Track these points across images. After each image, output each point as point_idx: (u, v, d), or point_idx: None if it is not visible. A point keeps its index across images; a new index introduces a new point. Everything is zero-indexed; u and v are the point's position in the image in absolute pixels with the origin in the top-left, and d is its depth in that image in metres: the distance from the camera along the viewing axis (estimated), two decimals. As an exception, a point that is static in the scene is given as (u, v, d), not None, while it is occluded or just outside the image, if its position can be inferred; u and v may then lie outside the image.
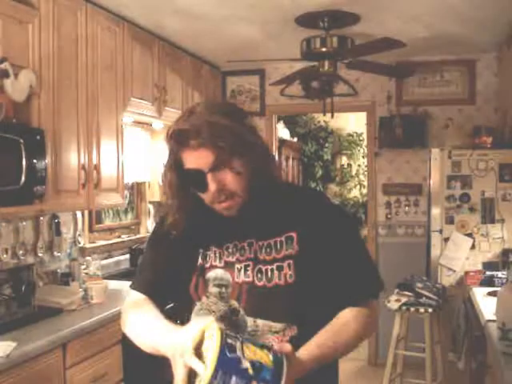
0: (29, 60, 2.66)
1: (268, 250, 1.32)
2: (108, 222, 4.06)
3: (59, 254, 3.31)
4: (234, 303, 1.32)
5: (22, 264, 2.96)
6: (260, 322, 1.29)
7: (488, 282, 3.53)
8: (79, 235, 3.56)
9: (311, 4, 3.33)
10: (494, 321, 2.56)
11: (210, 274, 1.36)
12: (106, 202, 3.34)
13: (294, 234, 1.32)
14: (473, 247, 3.86)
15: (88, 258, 3.51)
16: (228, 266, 1.34)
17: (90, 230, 3.76)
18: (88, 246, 3.66)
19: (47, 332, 2.45)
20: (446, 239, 3.91)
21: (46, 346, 2.35)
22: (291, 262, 1.30)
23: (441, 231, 3.93)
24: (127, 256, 4.08)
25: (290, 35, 3.90)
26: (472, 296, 3.34)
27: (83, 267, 3.39)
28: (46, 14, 2.78)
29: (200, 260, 1.38)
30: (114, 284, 3.40)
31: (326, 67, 3.71)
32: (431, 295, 3.65)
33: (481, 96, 4.63)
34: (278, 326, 1.28)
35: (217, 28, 3.81)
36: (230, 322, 1.29)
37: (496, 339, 2.36)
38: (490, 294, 3.19)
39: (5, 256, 2.87)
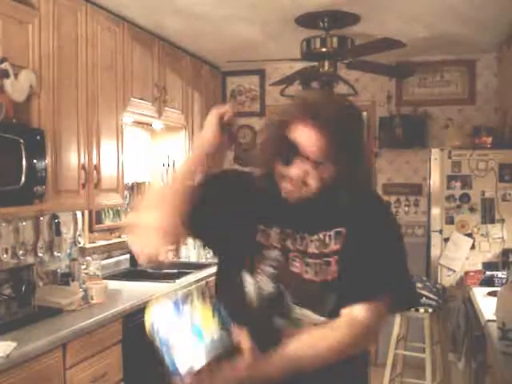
0: (29, 60, 2.66)
1: (317, 243, 1.33)
2: (108, 222, 4.06)
3: (59, 254, 3.31)
4: (282, 287, 1.33)
5: (22, 264, 2.96)
6: (304, 311, 1.31)
7: (488, 281, 3.53)
8: (79, 235, 3.56)
9: (311, 4, 3.33)
10: (494, 321, 2.56)
11: (267, 253, 1.36)
12: (105, 202, 3.34)
13: (343, 230, 1.32)
14: (473, 247, 3.85)
15: (88, 258, 3.51)
16: (284, 251, 1.35)
17: (90, 230, 3.76)
18: (88, 246, 3.66)
19: (47, 332, 2.45)
20: (446, 239, 3.91)
21: (46, 346, 2.35)
22: (337, 257, 1.31)
23: (441, 231, 3.92)
24: (127, 256, 4.07)
25: (290, 35, 3.89)
26: (472, 296, 3.34)
27: (83, 267, 3.38)
28: (46, 14, 2.78)
29: (259, 236, 1.37)
30: (113, 284, 3.40)
31: (326, 67, 3.71)
32: (431, 295, 3.64)
33: (481, 96, 4.63)
34: (320, 319, 1.30)
35: (217, 28, 3.81)
36: (275, 304, 1.32)
37: (496, 339, 2.37)
38: (490, 294, 3.19)
39: (5, 256, 2.87)
